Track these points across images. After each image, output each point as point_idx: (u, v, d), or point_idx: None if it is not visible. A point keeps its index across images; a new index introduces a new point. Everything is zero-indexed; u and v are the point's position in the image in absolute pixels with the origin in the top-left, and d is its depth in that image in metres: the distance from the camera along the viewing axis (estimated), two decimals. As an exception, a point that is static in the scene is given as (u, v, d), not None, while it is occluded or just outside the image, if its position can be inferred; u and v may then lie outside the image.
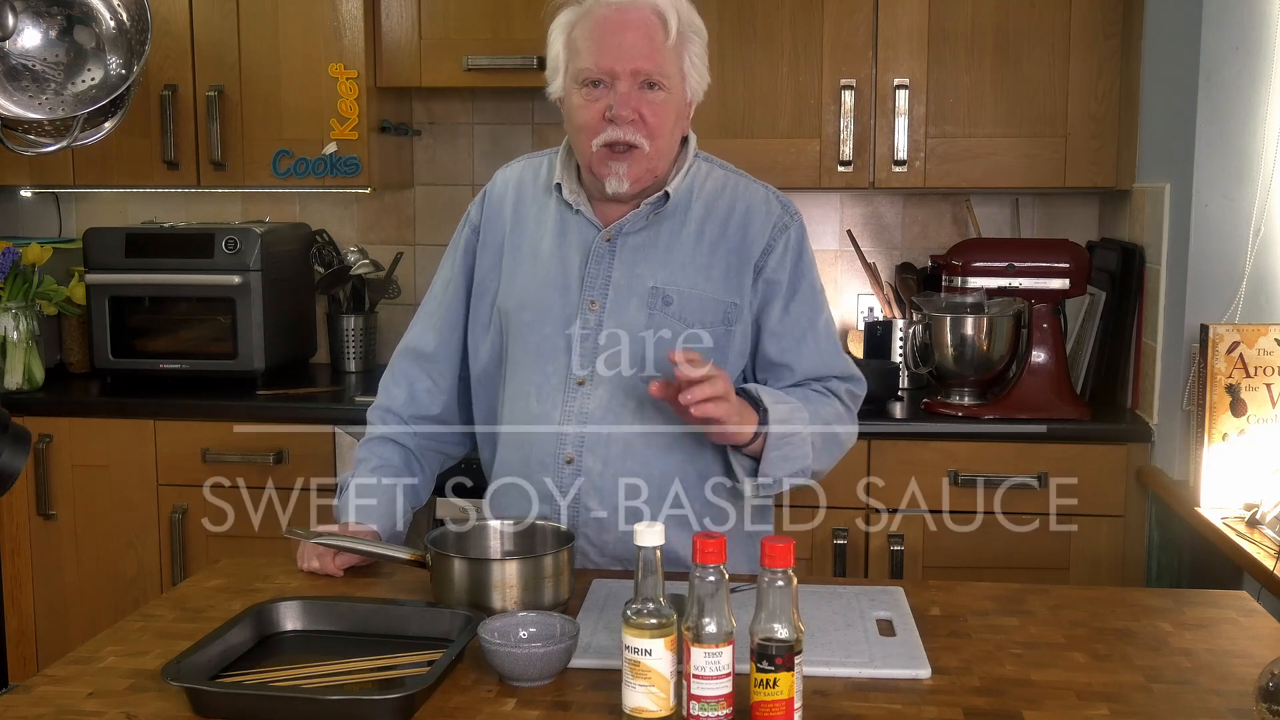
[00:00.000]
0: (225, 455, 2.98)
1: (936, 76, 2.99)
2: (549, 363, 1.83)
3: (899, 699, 1.37)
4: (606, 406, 1.81)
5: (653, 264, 1.83)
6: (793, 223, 1.88)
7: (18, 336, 3.11)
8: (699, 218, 1.86)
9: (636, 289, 1.83)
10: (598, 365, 1.82)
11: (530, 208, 1.91)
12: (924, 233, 3.36)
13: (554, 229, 1.88)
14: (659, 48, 1.76)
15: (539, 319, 1.85)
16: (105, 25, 1.75)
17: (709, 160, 1.93)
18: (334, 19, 3.12)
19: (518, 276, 1.88)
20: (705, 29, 1.84)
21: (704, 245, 1.85)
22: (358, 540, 1.75)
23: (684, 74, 1.81)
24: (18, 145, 1.75)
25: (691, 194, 1.87)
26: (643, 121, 1.76)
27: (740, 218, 1.86)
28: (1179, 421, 2.56)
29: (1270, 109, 2.43)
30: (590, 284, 1.84)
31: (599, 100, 1.76)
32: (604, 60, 1.74)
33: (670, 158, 1.84)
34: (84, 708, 1.36)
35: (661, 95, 1.77)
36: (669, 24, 1.76)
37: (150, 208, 3.58)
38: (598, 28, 1.76)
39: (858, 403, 1.95)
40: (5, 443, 1.37)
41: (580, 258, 1.85)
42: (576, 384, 1.82)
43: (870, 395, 2.88)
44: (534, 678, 1.40)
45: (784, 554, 1.25)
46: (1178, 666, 1.47)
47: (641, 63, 1.75)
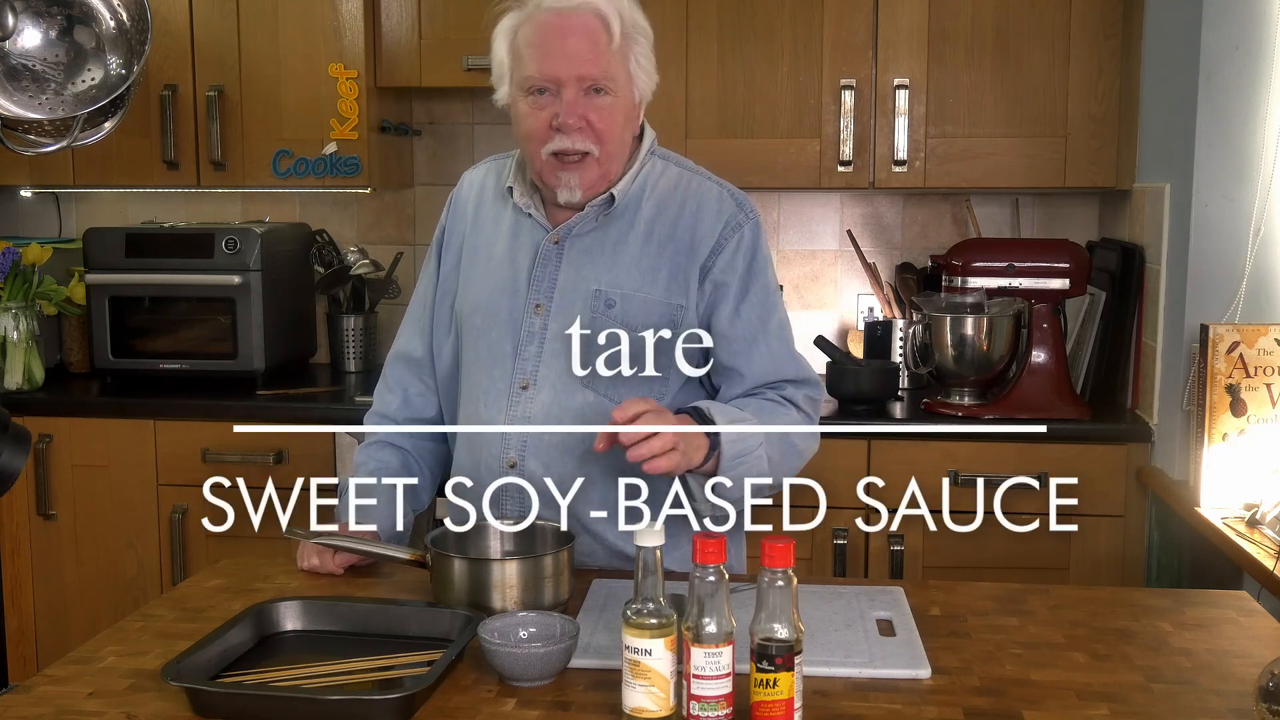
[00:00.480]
0: (225, 455, 2.98)
1: (936, 76, 2.98)
2: (495, 366, 1.82)
3: (899, 699, 1.37)
4: (547, 410, 1.79)
5: (598, 266, 1.81)
6: (747, 221, 1.83)
7: (18, 336, 3.11)
8: (649, 218, 1.82)
9: (581, 291, 1.80)
10: (540, 369, 1.80)
11: (489, 209, 1.91)
12: (924, 233, 3.36)
13: (508, 232, 1.87)
14: (603, 51, 1.73)
15: (488, 322, 1.84)
16: (105, 25, 1.75)
17: (665, 158, 1.89)
18: (334, 19, 3.12)
19: (473, 280, 1.88)
20: (650, 28, 1.82)
21: (651, 246, 1.81)
22: (358, 540, 1.75)
23: (630, 75, 1.78)
24: (18, 145, 1.75)
25: (643, 193, 1.84)
26: (590, 128, 1.74)
27: (690, 217, 1.82)
28: (1179, 421, 2.56)
29: (1270, 109, 2.43)
30: (536, 287, 1.82)
31: (545, 108, 1.74)
32: (547, 67, 1.72)
33: (623, 159, 1.82)
34: (84, 708, 1.36)
35: (608, 100, 1.75)
36: (612, 26, 1.73)
37: (150, 208, 3.57)
38: (540, 33, 1.73)
39: (817, 406, 1.91)
40: (5, 443, 1.37)
41: (529, 260, 1.83)
42: (520, 388, 1.81)
43: (870, 395, 2.92)
44: (534, 678, 1.40)
45: (784, 554, 1.25)
46: (1178, 666, 1.47)
47: (586, 68, 1.72)
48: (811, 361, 3.11)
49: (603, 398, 1.78)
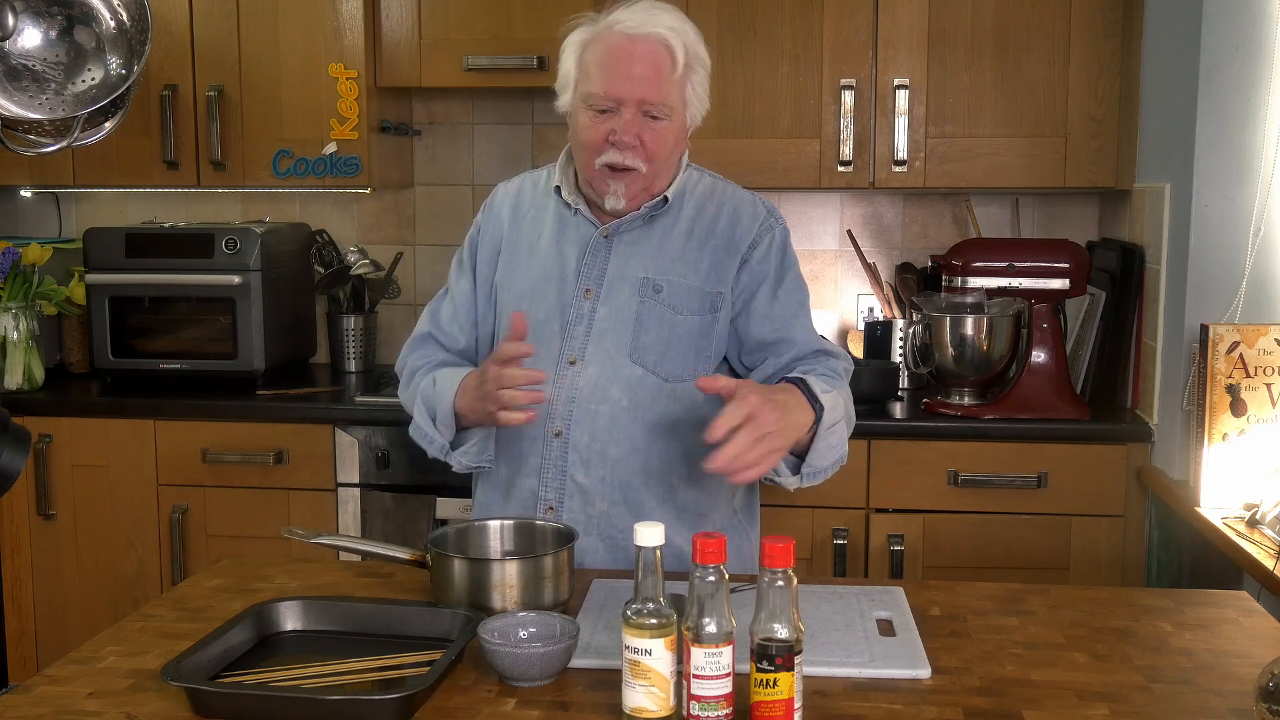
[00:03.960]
0: (225, 455, 2.98)
1: (936, 76, 2.99)
2: (542, 344, 1.90)
3: (899, 699, 1.37)
4: (595, 383, 1.89)
5: (645, 257, 1.95)
6: (776, 225, 2.00)
7: (18, 336, 3.11)
8: (690, 217, 1.98)
9: (629, 279, 1.93)
10: (589, 346, 1.90)
11: (529, 210, 2.03)
12: (924, 233, 3.36)
13: (553, 227, 1.99)
14: (665, 80, 1.86)
15: (535, 305, 1.94)
16: (105, 25, 1.75)
17: (699, 170, 2.05)
18: (334, 19, 3.12)
19: (515, 269, 1.99)
20: (709, 59, 1.94)
21: (694, 241, 1.96)
22: (358, 540, 1.76)
23: (685, 102, 1.91)
24: (18, 145, 1.75)
25: (683, 197, 1.99)
26: (643, 147, 1.87)
27: (729, 217, 1.98)
28: (1179, 421, 2.56)
29: (1270, 109, 2.43)
30: (586, 274, 1.95)
31: (604, 124, 1.86)
32: (612, 88, 1.85)
33: (668, 177, 1.96)
34: (84, 708, 1.36)
35: (663, 124, 1.88)
36: (677, 57, 1.87)
37: (150, 208, 3.58)
38: (609, 55, 1.85)
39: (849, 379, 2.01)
40: (5, 443, 1.37)
41: (578, 251, 1.96)
42: (569, 363, 1.91)
43: (870, 395, 2.92)
44: (534, 678, 1.40)
45: (784, 554, 1.25)
46: (1178, 666, 1.47)
47: (647, 93, 1.85)
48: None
49: (649, 373, 1.90)
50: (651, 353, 1.90)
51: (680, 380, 1.91)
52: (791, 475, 1.83)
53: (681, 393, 1.90)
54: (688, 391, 1.89)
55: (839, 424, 1.84)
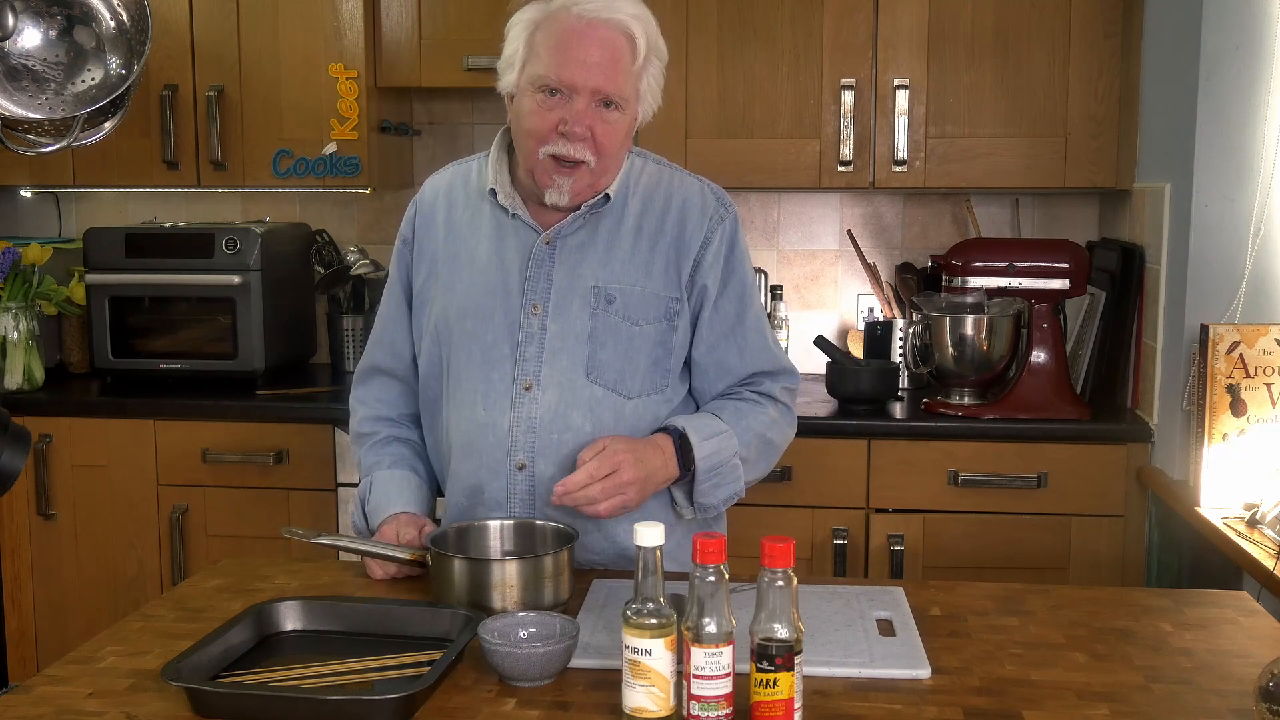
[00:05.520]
0: (225, 455, 2.98)
1: (936, 76, 2.99)
2: (494, 369, 1.81)
3: (899, 699, 1.37)
4: (555, 410, 1.79)
5: (593, 264, 1.82)
6: (726, 214, 1.87)
7: (18, 336, 3.11)
8: (636, 213, 1.84)
9: (578, 289, 1.81)
10: (544, 368, 1.80)
11: (463, 214, 1.88)
12: (924, 233, 3.36)
13: (490, 234, 1.85)
14: (623, 69, 1.73)
15: (481, 326, 1.82)
16: (105, 25, 1.75)
17: (641, 155, 1.90)
18: (334, 19, 3.12)
19: (456, 285, 1.85)
20: (667, 52, 1.83)
21: (643, 241, 1.83)
22: (358, 540, 1.76)
23: (640, 95, 1.79)
24: (18, 145, 1.75)
25: (627, 190, 1.85)
26: (593, 139, 1.73)
27: (677, 212, 1.85)
28: (1179, 421, 2.56)
29: (1270, 109, 2.43)
30: (532, 287, 1.81)
31: (553, 110, 1.72)
32: (565, 72, 1.71)
33: (614, 172, 1.82)
34: (84, 708, 1.36)
35: (616, 115, 1.75)
36: (638, 46, 1.74)
37: (150, 208, 3.58)
38: (564, 37, 1.71)
39: (793, 396, 1.95)
40: (5, 443, 1.37)
41: (520, 261, 1.82)
42: (524, 389, 1.80)
43: (870, 395, 2.92)
44: (534, 678, 1.40)
45: (784, 554, 1.25)
46: (1178, 666, 1.47)
47: (603, 82, 1.72)
48: (812, 362, 3.15)
49: (610, 391, 1.80)
50: (610, 370, 1.79)
51: (643, 395, 1.82)
52: (686, 504, 1.83)
53: (645, 409, 1.82)
54: (650, 407, 1.83)
55: (726, 465, 1.80)
